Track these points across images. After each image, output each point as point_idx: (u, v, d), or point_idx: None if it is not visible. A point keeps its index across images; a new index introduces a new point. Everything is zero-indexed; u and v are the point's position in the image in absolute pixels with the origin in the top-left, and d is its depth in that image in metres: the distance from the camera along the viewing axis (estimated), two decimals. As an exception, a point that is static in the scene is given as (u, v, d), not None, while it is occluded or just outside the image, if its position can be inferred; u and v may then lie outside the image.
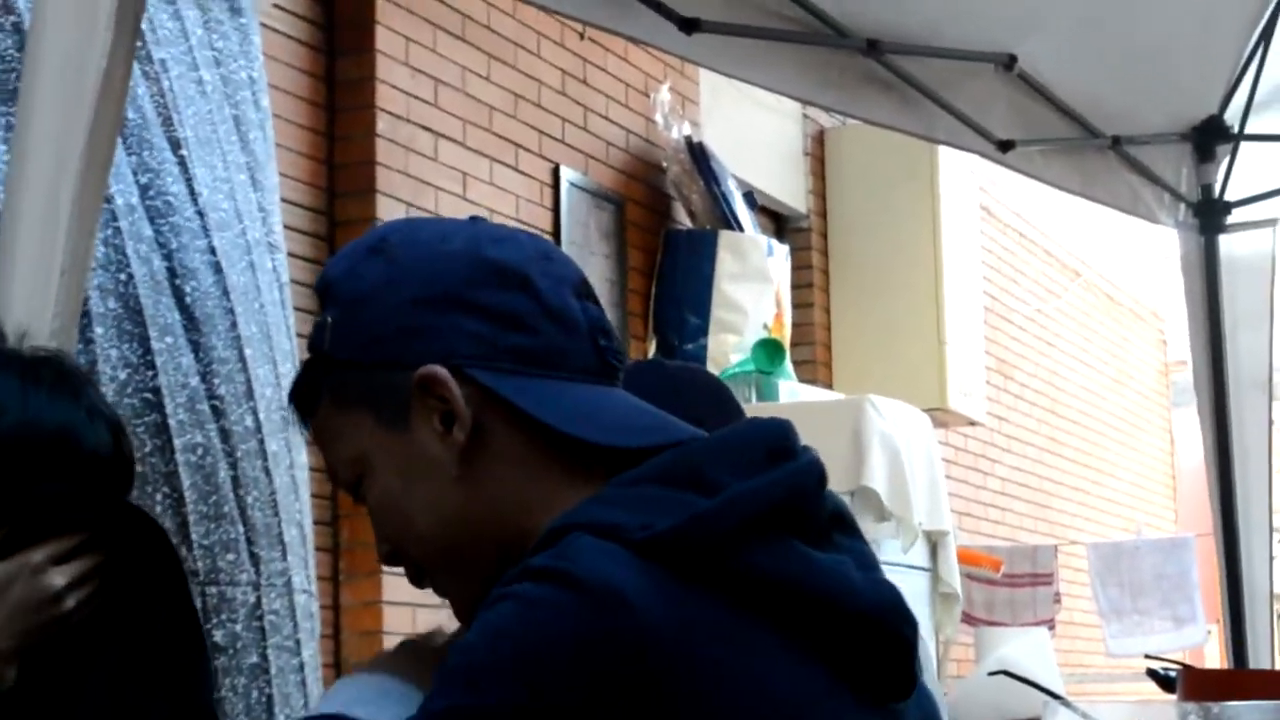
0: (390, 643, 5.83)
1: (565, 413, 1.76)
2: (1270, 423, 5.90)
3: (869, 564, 1.77)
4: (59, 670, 2.23)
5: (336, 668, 5.50)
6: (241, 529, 3.13)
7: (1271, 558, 5.95)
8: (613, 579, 1.58)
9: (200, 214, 3.28)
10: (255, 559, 3.15)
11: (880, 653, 1.69)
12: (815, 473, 1.74)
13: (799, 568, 1.66)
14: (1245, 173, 5.79)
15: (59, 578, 2.22)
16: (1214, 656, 12.54)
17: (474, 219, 1.87)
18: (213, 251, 3.27)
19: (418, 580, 1.84)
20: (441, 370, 1.74)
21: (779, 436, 1.76)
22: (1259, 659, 5.61)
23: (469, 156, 6.33)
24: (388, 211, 5.88)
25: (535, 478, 1.77)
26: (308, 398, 1.85)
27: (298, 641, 3.21)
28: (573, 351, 1.79)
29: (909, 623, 1.73)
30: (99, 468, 2.28)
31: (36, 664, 2.22)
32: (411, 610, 5.77)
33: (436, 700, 1.60)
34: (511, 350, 1.76)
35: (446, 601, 1.84)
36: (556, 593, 1.58)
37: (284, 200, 3.77)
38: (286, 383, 3.37)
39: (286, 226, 3.80)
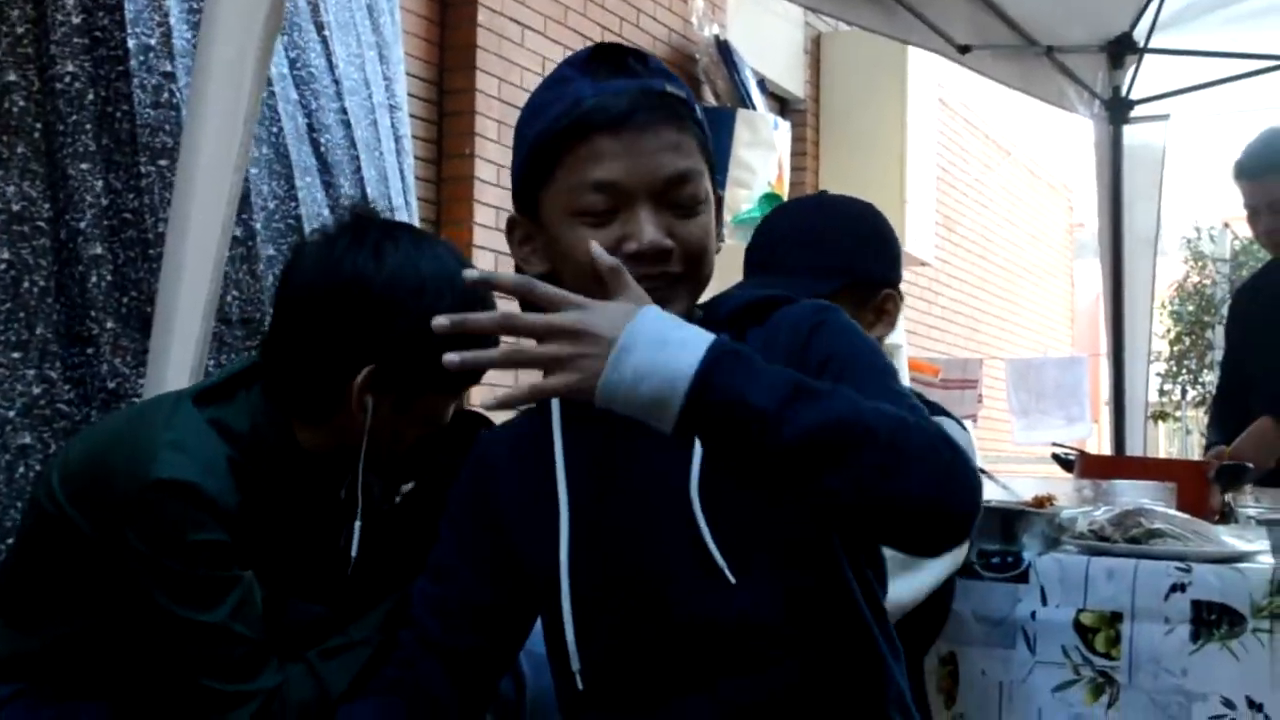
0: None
1: None
2: (1154, 273, 5.88)
3: None
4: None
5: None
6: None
7: (1148, 375, 5.97)
8: None
9: (336, 82, 3.23)
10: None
11: None
12: None
13: None
14: (1147, 78, 5.74)
15: None
16: (1093, 447, 12.56)
17: None
18: (344, 112, 3.23)
19: (664, 280, 1.72)
20: None
21: None
22: (1134, 450, 5.65)
23: (548, 44, 6.26)
24: (485, 84, 5.88)
25: None
26: (690, 112, 1.79)
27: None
28: None
29: None
30: None
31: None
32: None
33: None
34: None
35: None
36: None
37: (406, 73, 3.71)
38: (401, 217, 3.35)
39: (407, 93, 3.75)
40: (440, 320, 1.49)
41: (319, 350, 1.99)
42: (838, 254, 2.49)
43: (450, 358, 1.48)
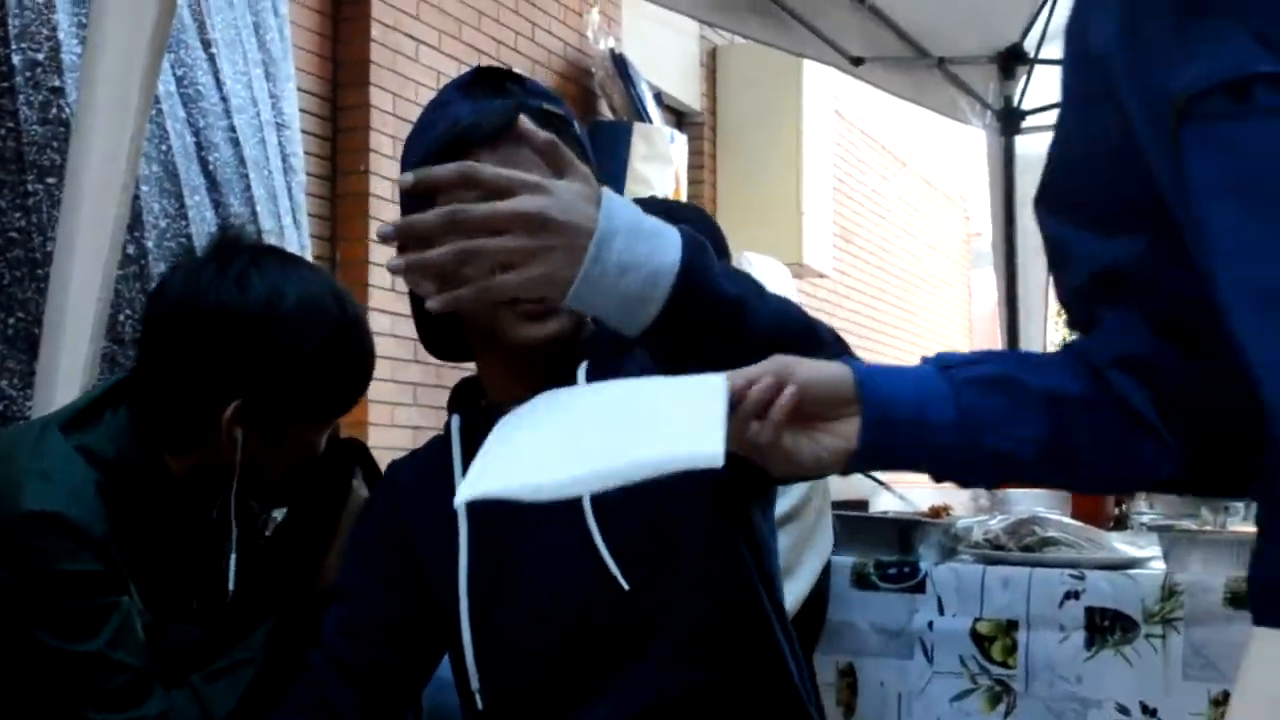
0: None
1: None
2: (1047, 280, 5.95)
3: None
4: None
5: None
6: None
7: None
8: None
9: (224, 99, 3.22)
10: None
11: None
12: None
13: None
14: (1037, 88, 5.83)
15: (364, 489, 2.12)
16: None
17: None
18: (233, 130, 3.22)
19: None
20: None
21: None
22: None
23: (442, 59, 6.25)
24: (379, 100, 5.84)
25: None
26: (567, 125, 1.76)
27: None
28: None
29: None
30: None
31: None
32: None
33: None
34: None
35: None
36: None
37: (298, 89, 3.69)
38: (290, 235, 3.33)
39: (299, 109, 3.73)
40: (406, 177, 1.42)
41: (184, 383, 1.97)
42: None
43: (394, 261, 1.41)
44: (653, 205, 2.85)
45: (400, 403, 5.80)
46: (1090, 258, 1.36)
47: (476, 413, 1.82)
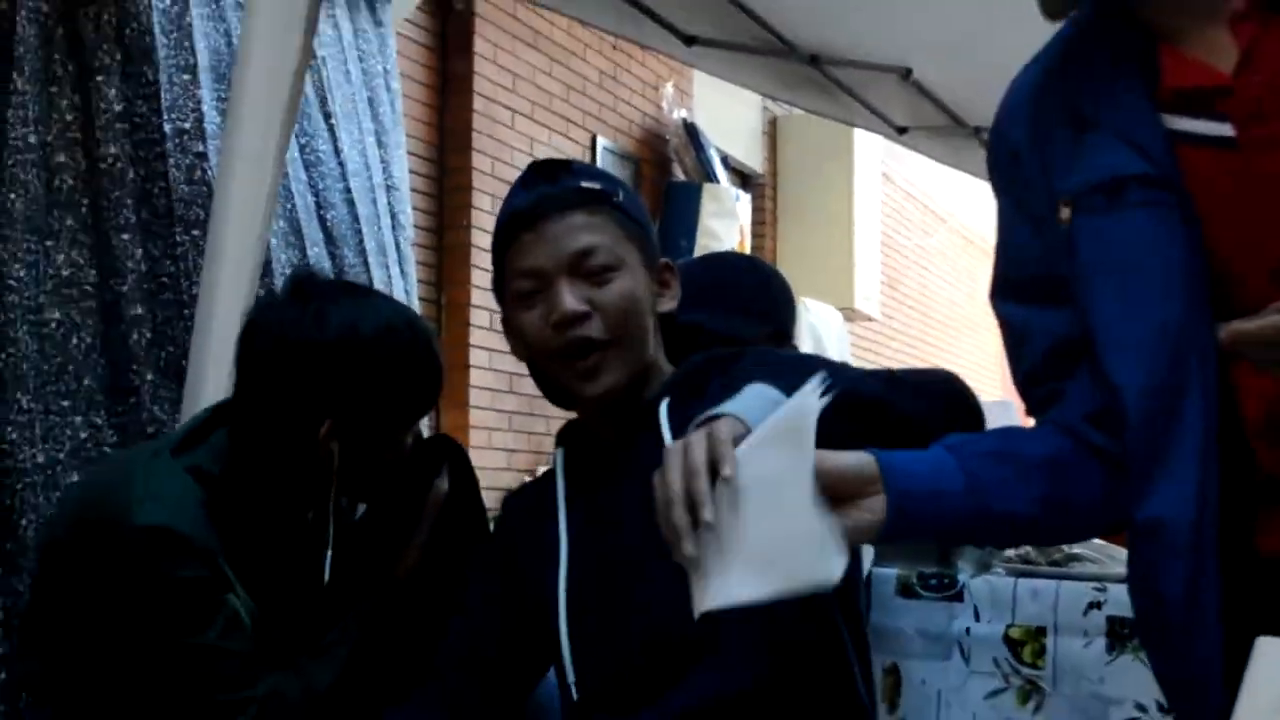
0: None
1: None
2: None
3: None
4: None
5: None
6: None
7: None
8: None
9: (341, 164, 3.27)
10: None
11: None
12: None
13: None
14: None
15: (444, 484, 2.17)
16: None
17: None
18: (348, 191, 3.27)
19: (591, 345, 1.79)
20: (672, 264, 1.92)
21: None
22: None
23: (536, 128, 6.31)
24: (480, 163, 5.90)
25: None
26: (604, 198, 1.83)
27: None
28: None
29: None
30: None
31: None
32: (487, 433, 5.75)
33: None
34: None
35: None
36: None
37: (408, 153, 3.74)
38: (397, 283, 3.38)
39: (410, 171, 3.79)
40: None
41: (280, 413, 2.01)
42: (770, 301, 2.62)
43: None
44: (740, 261, 2.88)
45: (497, 428, 5.85)
46: (1046, 332, 1.48)
47: (579, 446, 1.90)
